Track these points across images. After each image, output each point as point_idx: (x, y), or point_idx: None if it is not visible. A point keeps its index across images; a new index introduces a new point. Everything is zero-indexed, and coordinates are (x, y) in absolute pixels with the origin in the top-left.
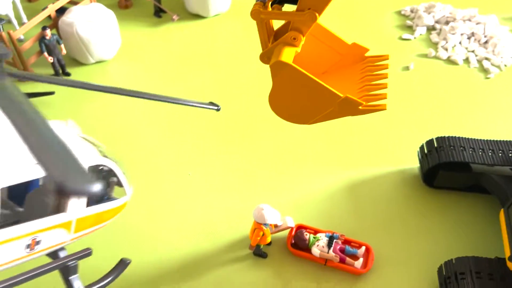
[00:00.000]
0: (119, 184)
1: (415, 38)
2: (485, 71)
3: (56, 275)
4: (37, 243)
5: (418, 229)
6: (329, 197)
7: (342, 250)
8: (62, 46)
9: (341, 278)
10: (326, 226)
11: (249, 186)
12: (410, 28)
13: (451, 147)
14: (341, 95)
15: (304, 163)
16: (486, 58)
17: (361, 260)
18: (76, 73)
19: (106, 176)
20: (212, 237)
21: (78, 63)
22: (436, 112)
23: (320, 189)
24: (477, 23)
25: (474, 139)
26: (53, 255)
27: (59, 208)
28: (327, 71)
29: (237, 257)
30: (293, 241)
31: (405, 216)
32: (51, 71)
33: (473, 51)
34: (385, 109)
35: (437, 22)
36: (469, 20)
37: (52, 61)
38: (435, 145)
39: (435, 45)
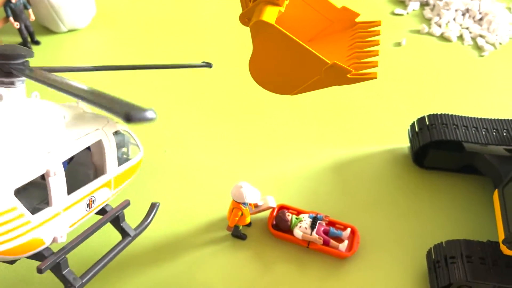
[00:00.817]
0: (135, 144)
1: (407, 13)
2: (479, 48)
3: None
4: (93, 202)
5: (407, 211)
6: (315, 176)
7: (326, 232)
8: (30, 11)
9: (324, 261)
10: (310, 207)
11: (229, 163)
12: (403, 3)
13: (443, 125)
14: (328, 61)
15: (289, 140)
16: (481, 36)
17: (346, 242)
18: (47, 42)
19: (127, 138)
20: (189, 217)
21: (48, 31)
22: (428, 89)
23: (305, 167)
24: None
25: (468, 117)
26: (102, 212)
27: (101, 172)
28: (315, 38)
29: (215, 238)
30: (274, 222)
31: (394, 197)
32: (19, 39)
33: (467, 28)
34: (376, 78)
35: None
36: None
37: (18, 27)
38: (427, 122)
39: (428, 21)
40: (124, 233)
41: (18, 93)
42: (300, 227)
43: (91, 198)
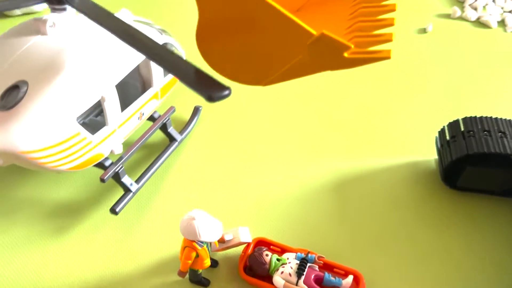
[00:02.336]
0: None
1: None
2: None
3: None
4: (143, 114)
5: (431, 250)
6: (308, 198)
7: (319, 280)
8: None
9: None
10: (299, 242)
11: (193, 179)
12: None
13: (485, 133)
14: (314, 31)
15: (277, 148)
16: None
17: None
18: None
19: (170, 46)
20: (134, 253)
21: None
22: (461, 87)
23: (296, 185)
24: None
25: None
26: (151, 118)
27: (149, 84)
28: (304, 7)
29: (167, 283)
30: (247, 264)
31: (414, 230)
32: None
33: (510, 12)
34: (389, 58)
35: None
36: None
37: None
38: (462, 128)
39: (461, 3)
40: (171, 138)
41: (69, 19)
42: (282, 272)
43: (142, 112)
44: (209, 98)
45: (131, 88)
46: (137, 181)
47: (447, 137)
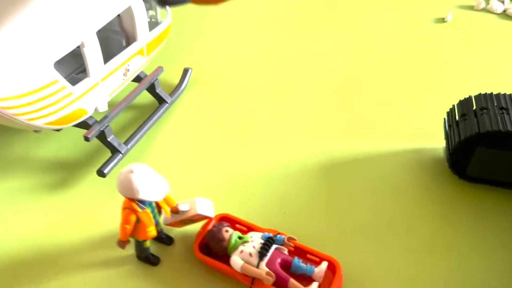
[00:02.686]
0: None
1: None
2: None
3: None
4: (128, 70)
5: (432, 244)
6: (294, 179)
7: (287, 265)
8: None
9: None
10: (275, 225)
11: (181, 147)
12: None
13: (502, 110)
14: None
15: (268, 124)
16: None
17: (316, 285)
18: None
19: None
20: (78, 224)
21: None
22: (479, 75)
23: (282, 165)
24: None
25: None
26: (137, 79)
27: (133, 38)
28: None
29: (111, 259)
30: (205, 242)
31: (413, 221)
32: None
33: None
34: None
35: None
36: None
37: None
38: (474, 106)
39: None
40: (160, 99)
41: None
42: (242, 252)
43: (126, 67)
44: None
45: (114, 42)
46: (125, 143)
47: (457, 117)
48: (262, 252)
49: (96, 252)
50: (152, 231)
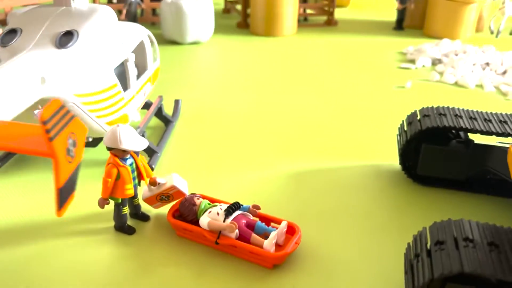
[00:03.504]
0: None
1: (416, 68)
2: (503, 94)
3: None
4: (145, 93)
5: (387, 226)
6: (264, 182)
7: (251, 226)
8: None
9: (240, 269)
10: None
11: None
12: (412, 62)
13: (441, 116)
14: None
15: (247, 146)
16: (506, 83)
17: (274, 237)
18: None
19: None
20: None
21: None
22: None
23: (253, 178)
24: (493, 55)
25: (478, 111)
26: (146, 106)
27: (143, 68)
28: None
29: (92, 229)
30: (177, 213)
31: (371, 209)
32: None
33: (488, 78)
34: None
35: (444, 55)
36: (483, 52)
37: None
38: (418, 116)
39: (440, 74)
40: (167, 120)
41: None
42: (209, 212)
43: (144, 91)
44: None
45: (137, 65)
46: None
47: (405, 126)
48: (229, 211)
49: (76, 225)
50: (130, 190)
